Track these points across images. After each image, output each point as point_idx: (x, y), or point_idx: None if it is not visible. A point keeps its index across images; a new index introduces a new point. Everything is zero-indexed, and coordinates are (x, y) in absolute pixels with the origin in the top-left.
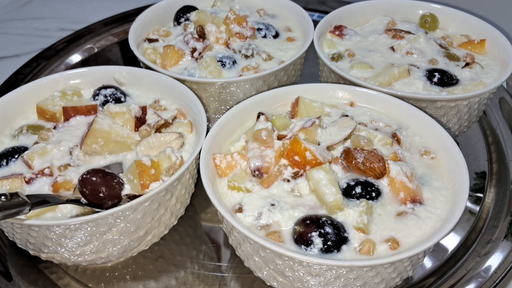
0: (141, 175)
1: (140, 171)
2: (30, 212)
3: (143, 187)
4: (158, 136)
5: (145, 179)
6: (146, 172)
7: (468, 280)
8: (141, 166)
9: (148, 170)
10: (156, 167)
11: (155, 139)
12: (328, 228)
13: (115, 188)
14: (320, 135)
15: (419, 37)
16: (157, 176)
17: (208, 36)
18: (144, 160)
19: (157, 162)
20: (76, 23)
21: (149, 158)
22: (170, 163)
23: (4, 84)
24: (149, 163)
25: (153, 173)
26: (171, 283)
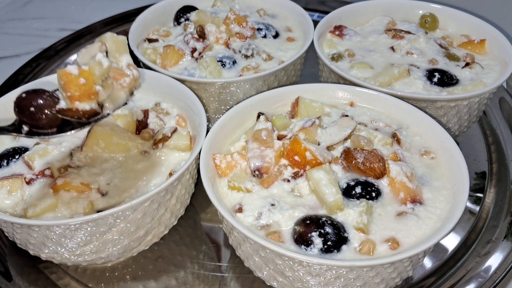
0: (66, 86)
1: (65, 81)
2: (30, 213)
3: (73, 100)
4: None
5: (72, 90)
6: (73, 82)
7: (468, 280)
8: (66, 76)
9: (75, 79)
10: (87, 76)
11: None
12: (328, 228)
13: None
14: (320, 135)
15: (419, 37)
16: (90, 86)
17: (208, 36)
18: (69, 69)
19: (88, 71)
20: (76, 23)
21: (76, 67)
22: (102, 69)
23: (4, 84)
24: (76, 71)
25: (83, 82)
26: (171, 283)
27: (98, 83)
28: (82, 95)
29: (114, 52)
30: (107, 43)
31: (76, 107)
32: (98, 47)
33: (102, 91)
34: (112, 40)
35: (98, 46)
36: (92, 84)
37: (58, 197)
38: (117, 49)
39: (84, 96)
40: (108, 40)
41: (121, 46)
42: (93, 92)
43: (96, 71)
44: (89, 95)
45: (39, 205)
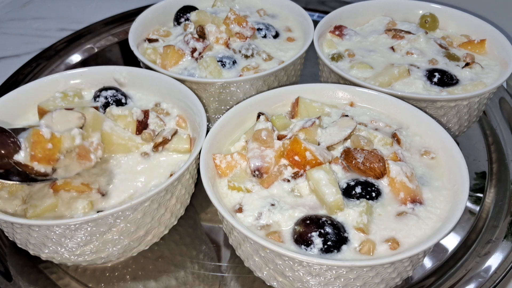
0: (34, 145)
1: (34, 140)
2: (30, 213)
3: (33, 159)
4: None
5: (37, 151)
6: (41, 144)
7: (468, 280)
8: (38, 136)
9: (44, 142)
10: (55, 143)
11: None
12: (328, 228)
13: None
14: (320, 135)
15: (419, 37)
16: (53, 152)
17: (208, 36)
18: (43, 131)
19: (58, 139)
20: (76, 23)
21: (50, 131)
22: (72, 144)
23: (4, 84)
24: (48, 135)
25: (49, 147)
26: (171, 283)
27: (62, 152)
28: (43, 158)
29: (89, 126)
30: (87, 117)
31: (33, 166)
32: (77, 117)
33: (62, 161)
34: (93, 116)
35: (78, 117)
36: (57, 151)
37: (58, 197)
38: (93, 125)
39: (45, 159)
40: (90, 114)
41: (98, 124)
42: (54, 159)
43: (66, 143)
44: (49, 160)
45: (39, 205)
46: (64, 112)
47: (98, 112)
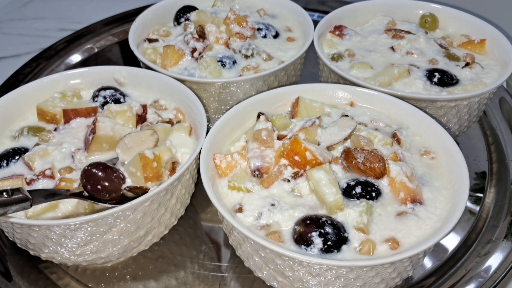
0: (144, 168)
1: (143, 164)
2: (30, 212)
3: (147, 180)
4: (133, 135)
5: (148, 172)
6: (149, 165)
7: (468, 280)
8: (145, 159)
9: (151, 163)
10: (158, 160)
11: (129, 138)
12: (328, 228)
13: (114, 182)
14: (320, 135)
15: (419, 37)
16: (159, 169)
17: (208, 36)
18: (147, 153)
19: (158, 156)
20: (76, 23)
21: (152, 152)
22: (171, 155)
23: (4, 84)
24: (152, 156)
25: (155, 166)
26: (171, 283)
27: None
28: (153, 177)
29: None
30: (159, 133)
31: (147, 186)
32: (149, 134)
33: (165, 174)
34: (163, 131)
35: (150, 134)
36: (161, 167)
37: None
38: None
39: (155, 177)
40: (159, 130)
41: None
42: (161, 175)
43: (165, 156)
44: (158, 177)
45: (39, 205)
46: (134, 135)
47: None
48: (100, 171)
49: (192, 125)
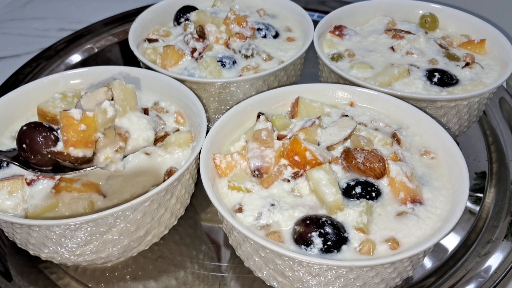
0: (65, 129)
1: (64, 124)
2: (30, 213)
3: (67, 144)
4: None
5: (70, 135)
6: (73, 126)
7: (468, 280)
8: (67, 118)
9: (76, 124)
10: (88, 123)
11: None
12: (328, 228)
13: (37, 142)
14: (320, 135)
15: (419, 37)
16: (89, 134)
17: (208, 36)
18: (72, 111)
19: (91, 118)
20: (76, 23)
21: (80, 111)
22: (105, 118)
23: (4, 84)
24: (78, 116)
25: (82, 128)
26: (171, 283)
27: (100, 131)
28: (79, 142)
29: (121, 101)
30: (114, 91)
31: (69, 152)
32: (103, 92)
33: (102, 140)
34: (120, 88)
35: (104, 92)
36: (93, 132)
37: (59, 197)
38: (125, 99)
39: (81, 143)
40: (116, 87)
41: (130, 96)
42: (91, 141)
43: (99, 119)
44: (86, 143)
45: (40, 205)
46: (89, 93)
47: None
48: (29, 128)
49: (193, 128)
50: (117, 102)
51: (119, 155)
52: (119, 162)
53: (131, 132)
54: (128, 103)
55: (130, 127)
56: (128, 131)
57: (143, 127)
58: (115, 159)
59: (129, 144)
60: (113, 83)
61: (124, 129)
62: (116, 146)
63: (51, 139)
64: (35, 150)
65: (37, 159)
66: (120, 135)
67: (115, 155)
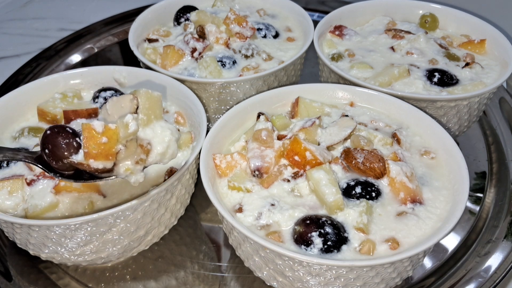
0: (87, 141)
1: (86, 136)
2: (30, 213)
3: (88, 157)
4: (115, 99)
5: (91, 148)
6: (93, 139)
7: (468, 280)
8: (89, 131)
9: (96, 137)
10: (110, 136)
11: (110, 104)
12: (328, 228)
13: (60, 148)
14: (320, 135)
15: (419, 37)
16: (111, 146)
17: (208, 36)
18: (94, 124)
19: (113, 130)
20: (76, 23)
21: (102, 124)
22: (127, 133)
23: (4, 84)
24: (100, 128)
25: (104, 141)
26: (171, 283)
27: (122, 143)
28: (99, 154)
29: (146, 110)
30: (140, 99)
31: (88, 164)
32: (129, 100)
33: (123, 152)
34: (146, 96)
35: (130, 99)
36: (114, 144)
37: (59, 197)
38: (150, 107)
39: (101, 155)
40: (142, 96)
41: (155, 105)
42: (112, 153)
43: (121, 132)
44: (107, 155)
45: (40, 205)
46: (115, 99)
47: (149, 91)
48: (53, 133)
49: (193, 128)
50: (142, 111)
51: (139, 167)
52: (139, 173)
53: (154, 144)
54: (153, 112)
55: (153, 138)
56: (151, 143)
57: (167, 139)
58: (135, 170)
59: (150, 156)
60: (139, 91)
61: (146, 140)
62: (137, 158)
63: (73, 146)
64: (57, 156)
65: (59, 164)
66: (142, 147)
67: (135, 166)
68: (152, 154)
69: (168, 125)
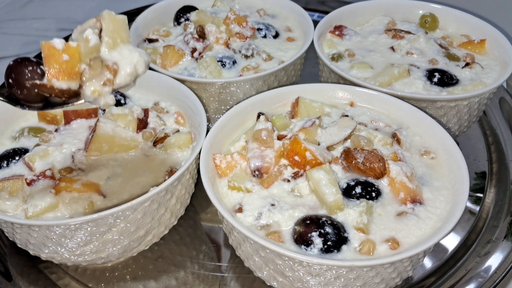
0: (47, 60)
1: (46, 54)
2: (30, 213)
3: (50, 76)
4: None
5: (52, 66)
6: (54, 57)
7: (468, 280)
8: (48, 49)
9: (58, 54)
10: (71, 54)
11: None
12: (328, 228)
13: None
14: (320, 135)
15: (419, 37)
16: (73, 64)
17: (208, 36)
18: (54, 42)
19: (74, 48)
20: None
21: (63, 41)
22: (88, 47)
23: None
24: (60, 46)
25: (65, 59)
26: (171, 283)
27: (85, 62)
28: (62, 73)
29: (111, 32)
30: (103, 22)
31: (52, 84)
32: (92, 23)
33: (87, 71)
34: (109, 18)
35: (93, 23)
36: (77, 62)
37: (59, 197)
38: (115, 30)
39: (64, 74)
40: (105, 18)
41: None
42: (75, 72)
43: (82, 48)
44: (70, 74)
45: (40, 205)
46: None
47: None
48: (16, 63)
49: (193, 128)
50: (107, 34)
51: (108, 88)
52: (108, 95)
53: (121, 65)
54: (118, 35)
55: (120, 60)
56: (117, 64)
57: (135, 60)
58: (103, 92)
59: (118, 77)
60: (102, 14)
61: (112, 61)
62: (104, 78)
63: (37, 73)
64: (21, 84)
65: (24, 94)
66: (108, 67)
67: (103, 88)
68: (120, 75)
69: (137, 49)
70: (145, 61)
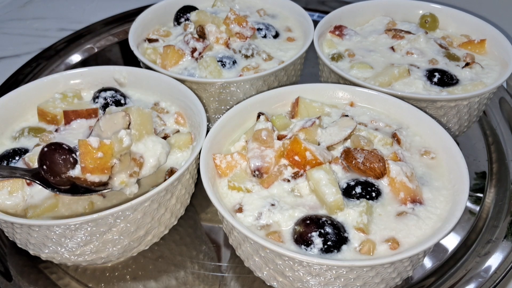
0: (83, 156)
1: (83, 151)
2: (30, 213)
3: (84, 171)
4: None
5: (87, 162)
6: (89, 154)
7: (468, 280)
8: (85, 147)
9: (92, 152)
10: (105, 151)
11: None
12: (328, 228)
13: (58, 165)
14: (320, 135)
15: (419, 37)
16: (106, 161)
17: (208, 36)
18: (90, 140)
19: (108, 145)
20: (76, 23)
21: (98, 139)
22: (121, 147)
23: (4, 84)
24: (96, 144)
25: (99, 156)
26: (171, 283)
27: (116, 157)
28: (96, 168)
29: (138, 125)
30: (131, 116)
31: (85, 178)
32: (121, 116)
33: (117, 165)
34: (137, 113)
35: (122, 116)
36: (109, 159)
37: (59, 197)
38: (142, 123)
39: (97, 169)
40: (133, 112)
41: (146, 121)
42: (108, 167)
43: (116, 147)
44: (102, 169)
45: (40, 205)
46: (108, 117)
47: (141, 108)
48: (50, 150)
49: (193, 128)
50: (134, 127)
51: (133, 179)
52: (133, 185)
53: (146, 157)
54: (144, 128)
55: (145, 152)
56: (143, 157)
57: (159, 153)
58: (129, 183)
59: (143, 169)
60: (130, 108)
61: (139, 154)
62: (131, 171)
63: (70, 162)
64: (55, 172)
65: (56, 180)
66: (135, 160)
67: (129, 179)
68: (145, 167)
69: (159, 139)
70: (166, 152)
